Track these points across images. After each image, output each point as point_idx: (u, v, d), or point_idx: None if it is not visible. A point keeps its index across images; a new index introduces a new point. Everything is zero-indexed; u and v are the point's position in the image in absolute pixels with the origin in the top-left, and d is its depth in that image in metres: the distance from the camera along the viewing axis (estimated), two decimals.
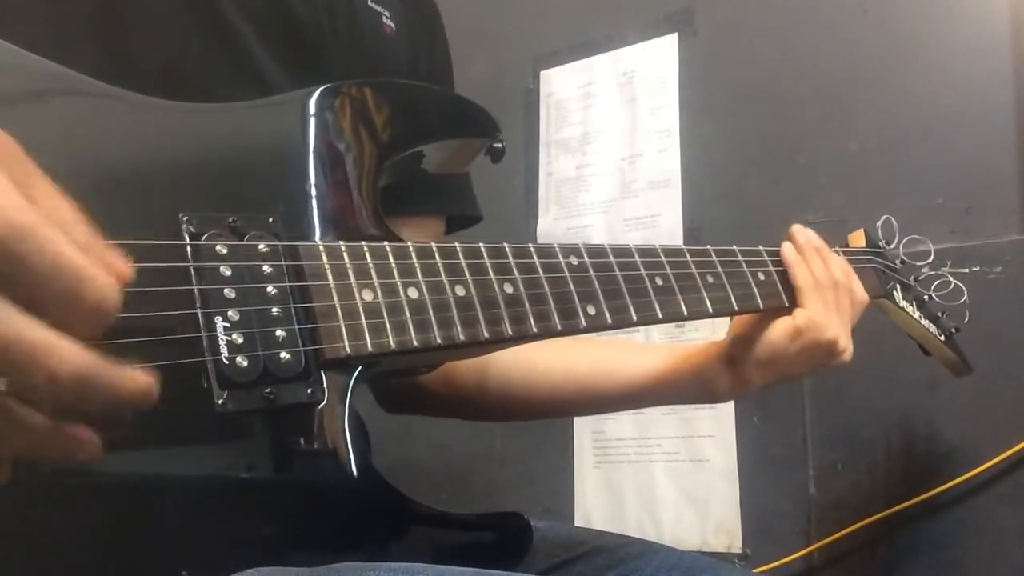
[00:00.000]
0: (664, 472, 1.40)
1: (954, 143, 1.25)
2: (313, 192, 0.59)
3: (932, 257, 1.01)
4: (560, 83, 1.64)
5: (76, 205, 0.37)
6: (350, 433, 0.53)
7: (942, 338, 1.00)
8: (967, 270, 1.20)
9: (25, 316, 0.33)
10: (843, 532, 1.24)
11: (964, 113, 1.25)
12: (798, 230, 0.85)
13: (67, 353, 0.34)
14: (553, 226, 1.59)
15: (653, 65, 1.54)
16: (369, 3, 0.82)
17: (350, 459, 0.53)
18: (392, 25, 0.84)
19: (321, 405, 0.52)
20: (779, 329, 0.80)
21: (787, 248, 0.83)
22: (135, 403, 0.38)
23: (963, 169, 1.24)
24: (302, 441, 0.52)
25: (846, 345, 0.82)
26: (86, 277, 0.35)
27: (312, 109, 0.61)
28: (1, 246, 0.33)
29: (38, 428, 0.36)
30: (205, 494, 0.50)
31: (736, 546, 1.32)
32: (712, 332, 1.37)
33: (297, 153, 0.60)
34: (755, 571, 1.27)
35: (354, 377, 0.54)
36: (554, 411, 0.99)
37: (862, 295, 0.86)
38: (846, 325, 0.83)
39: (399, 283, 0.55)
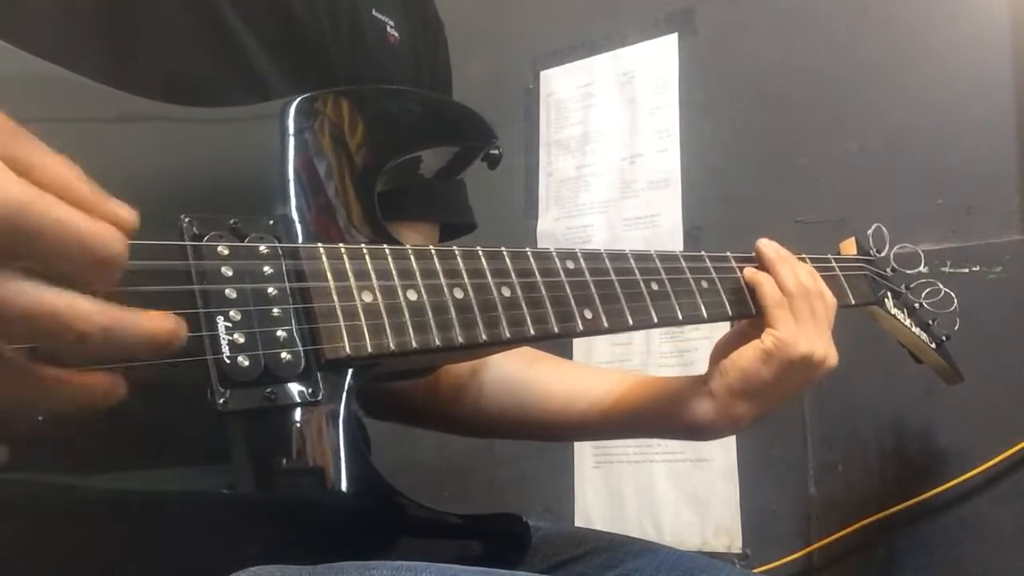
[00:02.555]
0: (664, 472, 1.40)
1: (954, 143, 1.25)
2: (313, 195, 0.59)
3: (923, 265, 1.01)
4: (560, 83, 1.64)
5: (74, 164, 0.38)
6: (349, 433, 0.54)
7: (933, 346, 1.00)
8: (967, 270, 1.20)
9: (43, 284, 0.35)
10: (843, 532, 1.24)
11: (964, 113, 1.25)
12: (765, 243, 0.81)
13: (89, 311, 0.36)
14: (553, 226, 1.60)
15: (653, 65, 1.54)
16: (374, 12, 0.82)
17: (349, 459, 0.53)
18: (396, 34, 0.84)
19: (321, 405, 0.53)
20: (748, 354, 0.76)
21: (749, 271, 0.79)
22: (162, 345, 0.39)
23: (963, 169, 1.24)
24: (302, 440, 0.53)
25: (824, 354, 0.78)
26: (88, 234, 0.36)
27: (312, 113, 0.62)
28: (4, 223, 0.34)
29: (62, 382, 0.38)
30: (205, 495, 0.50)
31: (736, 546, 1.33)
32: (711, 331, 1.37)
33: (297, 156, 0.60)
34: (755, 571, 1.27)
35: (354, 378, 0.55)
36: (536, 434, 0.96)
37: (831, 298, 0.82)
38: (822, 332, 0.79)
39: (398, 285, 0.56)
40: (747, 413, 0.79)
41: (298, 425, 0.52)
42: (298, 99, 0.62)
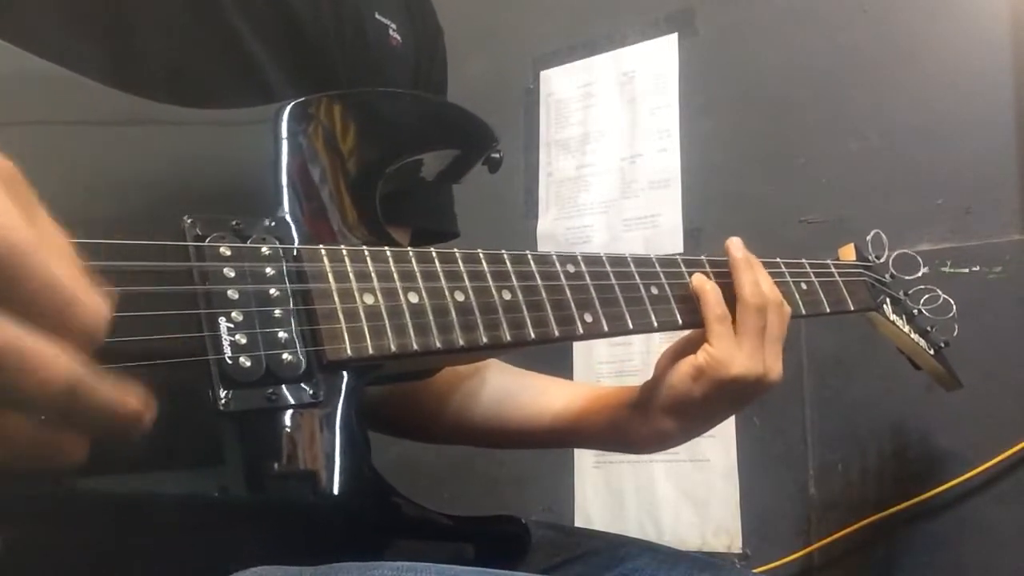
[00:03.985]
0: (664, 472, 1.40)
1: (954, 143, 1.25)
2: (306, 198, 0.59)
3: (922, 269, 1.01)
4: (560, 83, 1.64)
5: (67, 238, 0.37)
6: (349, 434, 0.54)
7: (931, 352, 1.00)
8: (967, 270, 1.20)
9: (19, 326, 0.34)
10: (843, 532, 1.24)
11: (964, 113, 1.25)
12: (735, 244, 0.78)
13: (60, 360, 0.34)
14: (553, 226, 1.60)
15: (653, 65, 1.54)
16: (377, 15, 0.82)
17: (350, 460, 0.54)
18: (399, 38, 0.84)
19: (321, 406, 0.53)
20: (681, 371, 0.74)
21: (697, 278, 0.75)
22: (125, 422, 0.37)
23: (963, 169, 1.24)
24: (303, 441, 0.53)
25: (763, 373, 0.74)
26: (78, 298, 0.35)
27: (306, 117, 0.62)
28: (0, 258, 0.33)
29: (23, 435, 0.36)
30: (206, 495, 0.50)
31: (736, 546, 1.33)
32: None
33: (291, 159, 0.60)
34: (755, 571, 1.27)
35: (354, 379, 0.55)
36: (505, 443, 0.96)
37: (787, 309, 0.78)
38: (768, 348, 0.75)
39: (400, 287, 0.56)
40: (674, 430, 0.77)
41: (299, 426, 0.52)
42: (291, 104, 0.62)
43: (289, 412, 0.52)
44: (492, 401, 0.91)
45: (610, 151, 1.56)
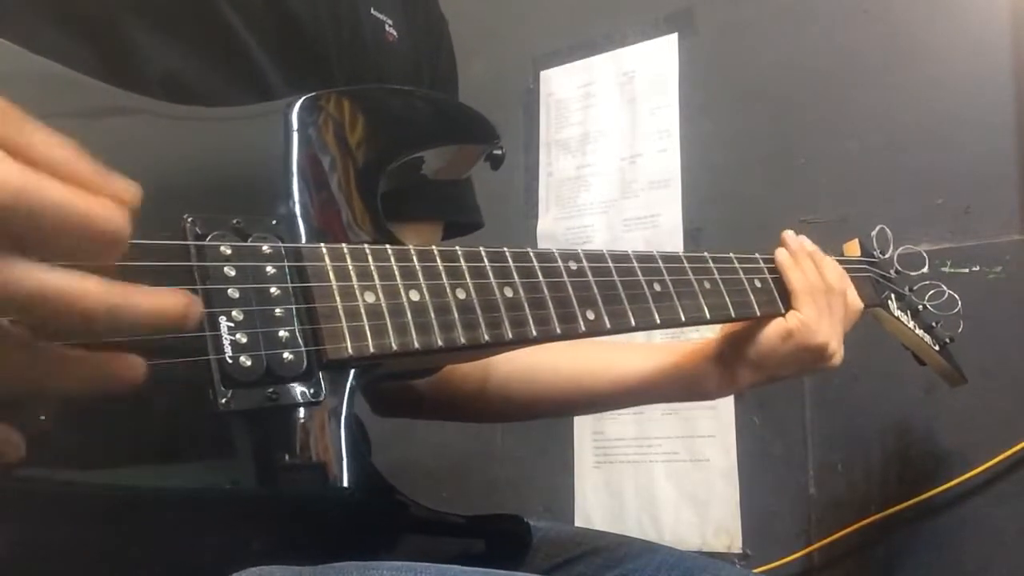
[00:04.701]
0: (664, 472, 1.40)
1: (954, 143, 1.25)
2: (316, 192, 0.59)
3: (927, 267, 1.01)
4: (560, 83, 1.64)
5: (73, 142, 0.37)
6: (349, 433, 0.54)
7: (936, 348, 1.00)
8: (967, 270, 1.20)
9: (45, 267, 0.35)
10: (843, 532, 1.24)
11: (964, 113, 1.25)
12: (790, 236, 0.85)
13: (95, 289, 0.36)
14: (553, 226, 1.59)
15: (653, 65, 1.54)
16: (372, 11, 0.82)
17: (349, 460, 0.53)
18: (395, 33, 0.84)
19: (322, 405, 0.53)
20: (771, 331, 0.80)
21: (781, 253, 0.83)
22: (172, 323, 0.39)
23: (963, 169, 1.24)
24: (304, 441, 0.53)
25: (835, 350, 0.83)
26: (87, 212, 0.36)
27: (313, 113, 0.62)
28: (3, 208, 0.34)
29: (78, 361, 0.38)
30: (206, 494, 0.50)
31: (736, 546, 1.33)
32: (710, 331, 1.37)
33: (301, 154, 0.60)
34: (755, 571, 1.27)
35: (355, 378, 0.55)
36: (549, 411, 1.01)
37: (856, 302, 0.87)
38: (838, 330, 0.83)
39: (401, 285, 0.56)
40: (747, 380, 0.84)
41: (300, 425, 0.52)
42: (303, 98, 0.62)
43: (290, 411, 0.52)
44: (569, 371, 0.93)
45: (610, 151, 1.56)
